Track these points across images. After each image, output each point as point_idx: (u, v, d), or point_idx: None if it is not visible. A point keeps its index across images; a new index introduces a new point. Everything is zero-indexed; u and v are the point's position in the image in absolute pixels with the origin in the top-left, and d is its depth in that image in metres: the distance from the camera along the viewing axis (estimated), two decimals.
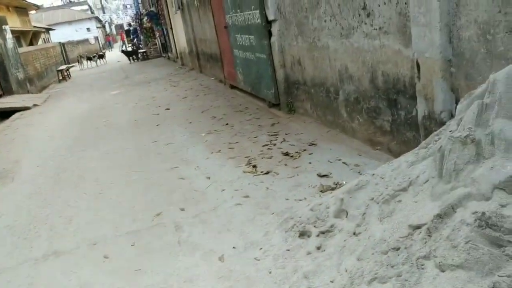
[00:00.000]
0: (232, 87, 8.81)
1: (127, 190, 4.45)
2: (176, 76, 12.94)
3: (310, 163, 4.31)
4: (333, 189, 3.56)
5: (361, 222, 2.69)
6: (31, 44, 22.97)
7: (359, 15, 3.93)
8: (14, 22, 19.27)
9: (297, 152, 4.64)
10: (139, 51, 22.70)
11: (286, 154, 4.64)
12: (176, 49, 16.51)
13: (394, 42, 3.54)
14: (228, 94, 8.56)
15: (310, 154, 4.55)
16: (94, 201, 4.33)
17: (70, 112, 10.04)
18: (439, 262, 2.02)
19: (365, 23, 3.87)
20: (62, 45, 28.03)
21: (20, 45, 19.94)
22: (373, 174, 2.94)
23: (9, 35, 14.58)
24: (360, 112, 4.35)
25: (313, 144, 4.80)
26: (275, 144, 5.04)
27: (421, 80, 3.22)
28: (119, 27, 34.58)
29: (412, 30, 3.19)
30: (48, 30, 33.60)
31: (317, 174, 3.98)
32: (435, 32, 2.95)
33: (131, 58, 21.97)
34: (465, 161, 2.29)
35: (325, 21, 4.58)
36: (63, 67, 20.22)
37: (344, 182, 3.56)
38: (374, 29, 3.76)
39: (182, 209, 3.77)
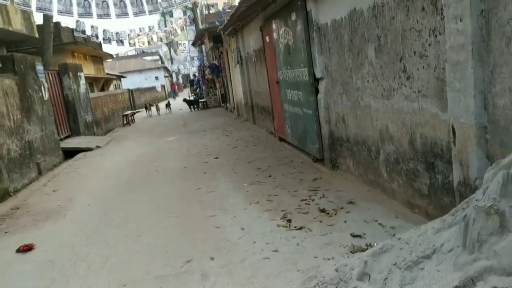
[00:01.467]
0: (281, 139, 8.96)
1: (164, 235, 4.59)
2: (230, 126, 13.33)
3: (345, 221, 4.25)
4: (363, 250, 3.49)
5: (382, 287, 2.62)
6: (102, 89, 24.72)
7: (400, 77, 3.97)
8: (89, 70, 20.95)
9: (334, 209, 4.61)
10: (200, 100, 23.69)
11: (323, 210, 4.62)
12: (233, 100, 17.11)
13: (432, 105, 3.53)
14: (276, 146, 8.70)
15: (347, 212, 4.50)
16: (132, 243, 4.49)
17: (127, 155, 10.58)
18: None
19: (405, 86, 3.90)
20: (131, 91, 29.84)
21: (92, 90, 21.53)
22: (399, 238, 2.87)
23: (82, 81, 15.82)
24: (400, 173, 4.29)
25: (351, 203, 4.74)
26: (313, 200, 5.03)
27: (457, 145, 3.17)
28: (186, 77, 36.53)
29: (448, 95, 3.18)
30: (120, 77, 36.08)
31: (351, 234, 3.92)
32: (470, 98, 2.93)
33: (192, 107, 22.95)
34: (489, 232, 2.21)
35: (368, 81, 4.65)
36: (128, 112, 21.43)
37: (375, 244, 3.48)
38: (413, 92, 3.78)
39: (212, 258, 3.82)
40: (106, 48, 23.78)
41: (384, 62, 4.21)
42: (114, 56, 52.10)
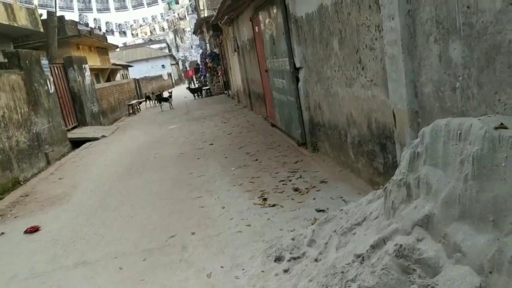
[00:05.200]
0: (273, 125, 9.42)
1: (154, 215, 5.11)
2: (229, 113, 13.80)
3: (314, 198, 4.73)
4: None
5: (323, 250, 3.11)
6: (108, 79, 25.29)
7: (357, 68, 4.40)
8: (94, 61, 21.49)
9: (306, 188, 5.08)
10: (204, 88, 24.16)
11: (296, 189, 5.10)
12: (233, 87, 17.54)
13: (381, 93, 3.96)
14: (267, 132, 9.16)
15: (317, 190, 4.97)
16: (125, 223, 5.03)
17: (129, 144, 11.12)
18: (359, 284, 2.40)
19: (361, 75, 4.33)
20: (137, 81, 30.39)
21: (98, 81, 22.11)
22: (341, 210, 3.35)
23: (87, 73, 16.36)
24: (363, 154, 4.74)
25: (323, 182, 5.21)
26: (291, 180, 5.50)
27: (397, 128, 3.61)
28: (195, 64, 36.90)
29: (389, 84, 3.61)
30: (126, 66, 36.65)
31: (316, 209, 4.40)
32: (403, 87, 3.36)
33: (195, 94, 23.43)
34: (399, 201, 2.68)
35: (335, 71, 5.08)
36: (134, 101, 21.98)
37: None
38: (368, 80, 4.21)
39: (193, 233, 4.34)
40: (111, 39, 24.27)
41: (346, 53, 4.64)
42: (122, 45, 52.63)
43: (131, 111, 20.68)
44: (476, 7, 2.47)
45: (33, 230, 5.27)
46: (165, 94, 21.66)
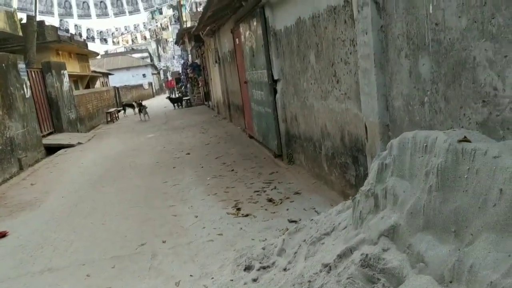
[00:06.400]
0: (250, 137, 9.44)
1: (126, 222, 5.05)
2: (208, 124, 13.78)
3: (287, 209, 4.75)
4: None
5: (292, 259, 3.11)
6: (88, 86, 24.98)
7: (332, 81, 4.47)
8: (73, 67, 21.22)
9: (280, 199, 5.10)
10: (184, 98, 24.09)
11: (270, 200, 5.11)
12: (214, 98, 17.55)
13: (354, 106, 4.02)
14: (245, 143, 9.17)
15: (291, 202, 4.99)
16: (96, 230, 4.95)
17: (105, 151, 10.98)
18: None
19: (336, 88, 4.40)
20: (116, 89, 30.12)
21: (77, 88, 21.82)
22: (312, 220, 3.37)
23: (66, 79, 16.16)
24: (336, 166, 4.79)
25: (297, 193, 5.24)
26: (265, 191, 5.51)
27: (369, 140, 3.67)
28: (177, 74, 36.87)
29: (361, 97, 3.68)
30: (107, 74, 36.30)
31: (288, 220, 4.41)
32: (374, 101, 3.43)
33: (175, 104, 23.33)
34: (367, 211, 2.71)
35: (311, 83, 5.14)
36: (112, 109, 21.76)
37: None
38: (341, 94, 4.28)
39: (164, 241, 4.30)
40: (92, 46, 24.07)
41: (322, 67, 4.71)
42: (103, 53, 52.23)
43: (109, 119, 20.45)
44: (444, 24, 2.55)
45: (0, 235, 5.14)
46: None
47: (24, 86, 11.30)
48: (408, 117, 3.12)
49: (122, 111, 23.82)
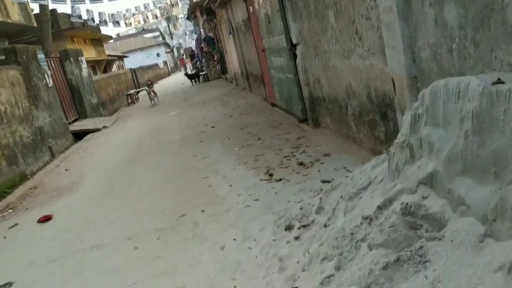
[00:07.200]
0: (273, 104, 9.47)
1: (162, 197, 5.21)
2: (228, 96, 13.83)
3: (319, 171, 4.82)
4: None
5: (331, 216, 3.20)
6: (105, 71, 25.23)
7: (354, 38, 4.44)
8: (89, 53, 21.42)
9: (310, 162, 5.17)
10: (201, 73, 24.11)
11: (301, 163, 5.19)
12: (231, 70, 17.52)
13: (379, 62, 4.01)
14: (268, 112, 9.22)
15: (321, 163, 5.06)
16: (135, 207, 5.13)
17: (131, 132, 11.20)
18: (369, 243, 2.50)
19: (359, 46, 4.38)
20: (133, 70, 30.31)
21: (95, 73, 22.07)
22: (347, 177, 3.44)
23: (84, 65, 16.35)
24: (364, 125, 4.81)
25: (327, 155, 5.29)
26: (294, 156, 5.59)
27: (397, 94, 3.68)
28: (190, 50, 36.73)
29: (386, 52, 3.66)
30: (121, 57, 36.48)
31: (321, 180, 4.49)
32: (400, 53, 3.42)
33: (193, 80, 23.39)
34: (403, 162, 2.76)
35: (332, 44, 5.12)
36: (132, 91, 21.97)
37: None
38: (365, 51, 4.26)
39: (203, 211, 4.44)
40: (104, 30, 24.20)
41: (342, 25, 4.67)
42: (115, 36, 52.29)
43: (130, 101, 20.69)
44: None
45: (46, 219, 5.38)
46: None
47: (46, 75, 11.50)
48: (436, 66, 3.11)
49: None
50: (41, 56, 11.50)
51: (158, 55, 51.38)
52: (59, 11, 18.80)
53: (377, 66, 4.09)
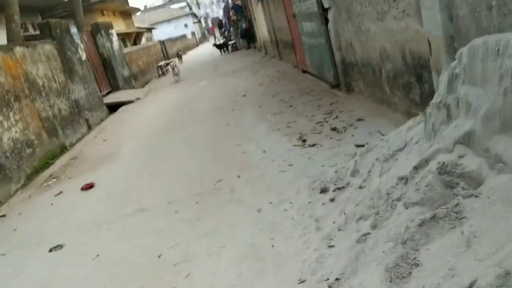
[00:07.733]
0: (304, 71, 9.42)
1: (199, 164, 5.37)
2: (258, 65, 13.80)
3: (352, 136, 4.85)
4: None
5: (366, 177, 3.25)
6: (134, 43, 25.47)
7: (388, 0, 4.36)
8: (119, 26, 21.63)
9: (344, 127, 5.19)
10: (229, 43, 24.01)
11: (334, 129, 5.21)
12: (260, 38, 17.39)
13: (414, 23, 3.94)
14: (299, 78, 9.19)
15: (355, 128, 5.07)
16: (173, 173, 5.31)
17: (164, 103, 11.40)
18: (405, 202, 2.55)
19: (393, 7, 4.30)
20: (162, 42, 30.44)
21: (125, 45, 22.31)
22: (382, 139, 3.46)
23: (114, 38, 16.55)
24: (398, 88, 4.77)
25: (360, 120, 5.29)
26: (327, 121, 5.61)
27: (433, 55, 3.62)
28: (217, 20, 36.47)
29: (422, 12, 3.60)
30: (150, 29, 36.63)
31: (355, 145, 4.52)
32: (437, 13, 3.35)
33: (221, 50, 23.35)
34: (440, 122, 2.76)
35: (365, 6, 5.03)
36: (162, 63, 22.16)
37: None
38: (400, 12, 4.18)
39: (239, 176, 4.56)
40: (132, 2, 24.31)
41: None
42: (142, 8, 52.35)
43: (160, 73, 20.90)
44: None
45: (89, 186, 5.64)
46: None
47: (79, 49, 11.74)
48: (474, 25, 3.04)
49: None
50: (73, 30, 11.72)
51: (186, 26, 51.27)
52: None
53: (412, 28, 4.02)
